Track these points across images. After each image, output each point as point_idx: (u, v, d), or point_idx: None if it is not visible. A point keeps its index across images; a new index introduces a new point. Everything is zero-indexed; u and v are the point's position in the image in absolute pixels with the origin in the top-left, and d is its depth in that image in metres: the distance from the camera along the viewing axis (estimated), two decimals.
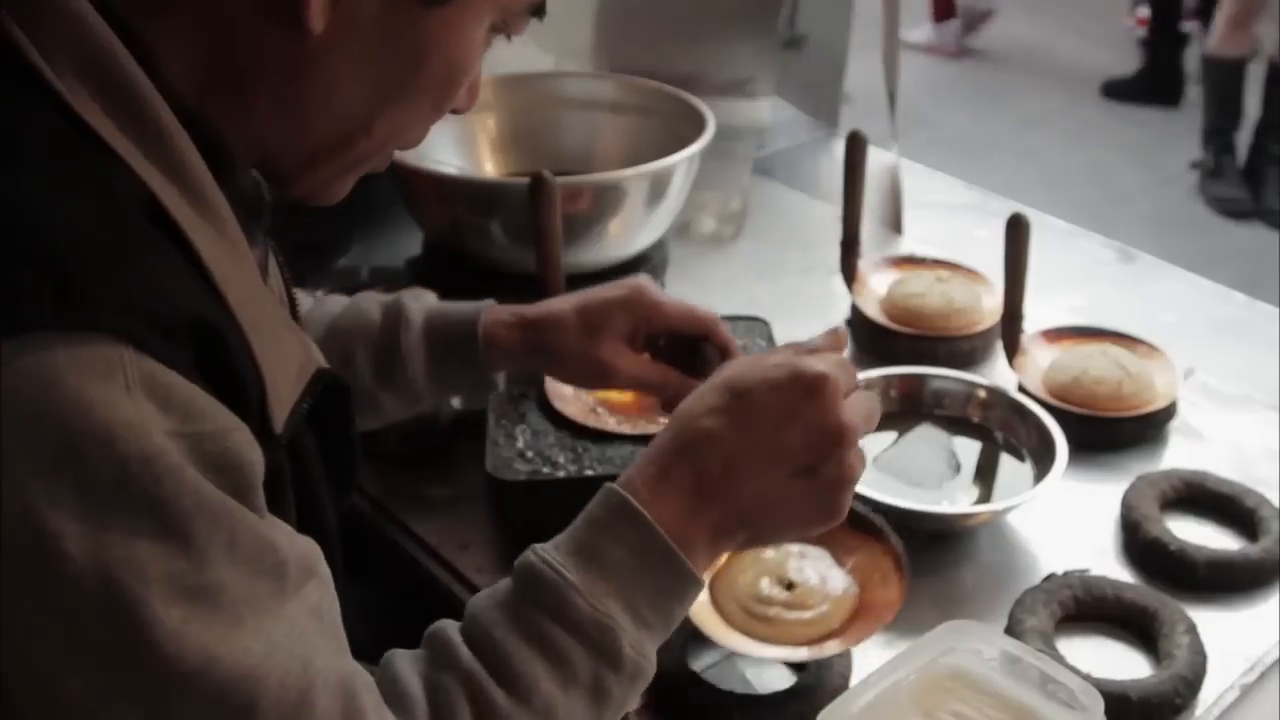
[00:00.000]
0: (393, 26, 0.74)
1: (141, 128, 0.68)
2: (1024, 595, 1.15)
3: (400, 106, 0.78)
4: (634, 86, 1.65)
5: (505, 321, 1.12)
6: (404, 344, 1.11)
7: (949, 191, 2.03)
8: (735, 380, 0.86)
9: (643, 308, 1.11)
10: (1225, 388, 1.50)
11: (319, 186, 0.83)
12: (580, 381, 1.17)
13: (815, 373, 0.85)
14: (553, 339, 1.10)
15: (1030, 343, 1.46)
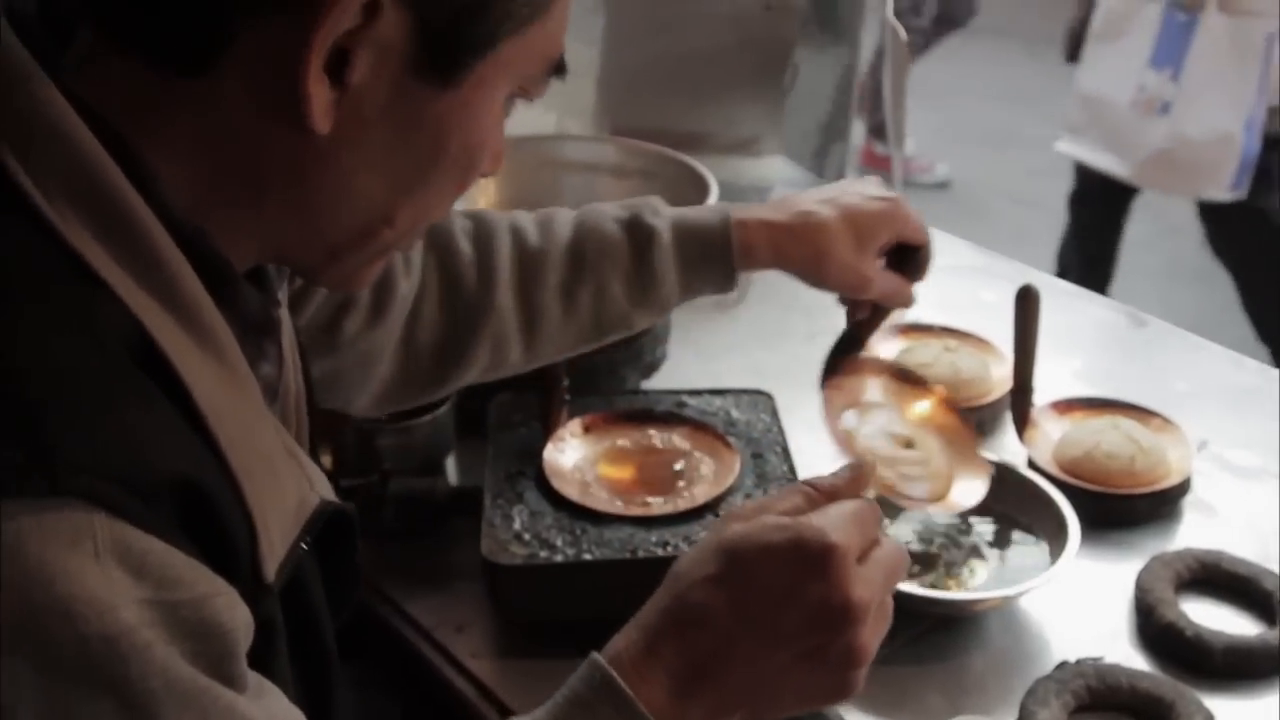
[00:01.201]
0: (405, 116, 0.69)
1: (135, 254, 0.64)
2: (1036, 685, 1.11)
3: (422, 192, 0.74)
4: (636, 150, 1.63)
5: (763, 224, 1.13)
6: (657, 265, 1.11)
7: (955, 253, 2.00)
8: (734, 544, 0.78)
9: (900, 220, 1.15)
10: (1240, 460, 1.47)
11: (346, 277, 0.80)
12: (836, 287, 1.18)
13: (821, 544, 0.75)
14: (819, 246, 1.12)
15: (1040, 414, 1.43)
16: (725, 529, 0.79)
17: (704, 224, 1.12)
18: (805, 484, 0.83)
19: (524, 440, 1.27)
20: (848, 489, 0.83)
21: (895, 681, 1.15)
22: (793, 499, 0.81)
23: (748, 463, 1.24)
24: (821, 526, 0.76)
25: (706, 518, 1.16)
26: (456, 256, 1.10)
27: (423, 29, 0.66)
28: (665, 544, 1.13)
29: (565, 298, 1.11)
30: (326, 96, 0.65)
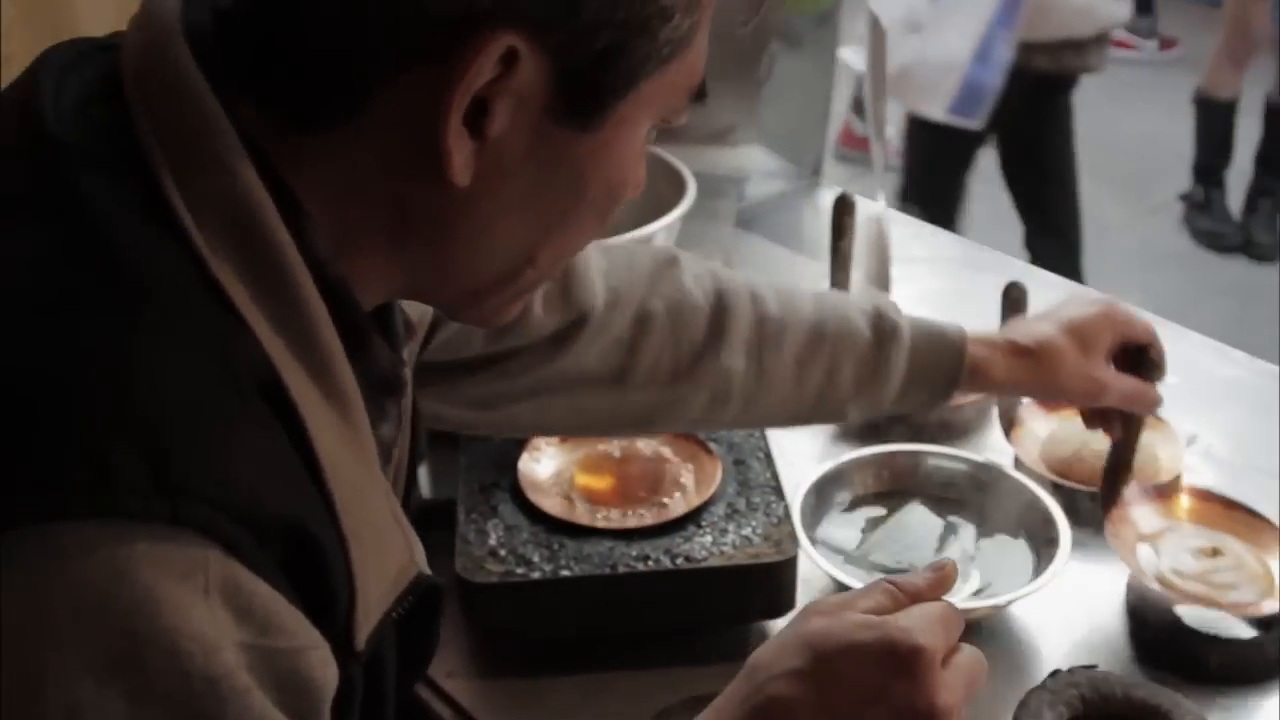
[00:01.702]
0: (545, 161, 0.67)
1: (277, 295, 0.63)
2: (1028, 697, 1.08)
3: (563, 231, 0.72)
4: None
5: (996, 349, 1.13)
6: (892, 360, 1.10)
7: (935, 244, 1.97)
8: (819, 639, 0.74)
9: (1120, 321, 1.16)
10: (1229, 456, 1.44)
11: (487, 315, 0.79)
12: (1074, 400, 1.20)
13: (910, 645, 0.72)
14: (1052, 365, 1.12)
15: (1025, 413, 1.40)
16: (808, 623, 0.76)
17: (943, 333, 1.12)
18: (889, 582, 0.80)
19: (498, 449, 1.23)
20: (930, 591, 0.80)
21: None
22: (876, 597, 0.78)
23: (729, 470, 1.21)
24: (909, 628, 0.73)
25: (689, 529, 1.13)
26: (690, 309, 1.06)
27: (562, 76, 0.64)
28: (646, 558, 1.10)
29: (798, 369, 1.08)
30: (467, 149, 0.64)
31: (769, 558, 1.10)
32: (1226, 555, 1.17)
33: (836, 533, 1.24)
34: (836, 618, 0.75)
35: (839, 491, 1.28)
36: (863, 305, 1.12)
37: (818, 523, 1.24)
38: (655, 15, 0.64)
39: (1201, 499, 1.26)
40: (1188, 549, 1.18)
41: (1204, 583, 1.14)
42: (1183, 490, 1.27)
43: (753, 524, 1.14)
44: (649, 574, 1.08)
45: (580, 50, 0.64)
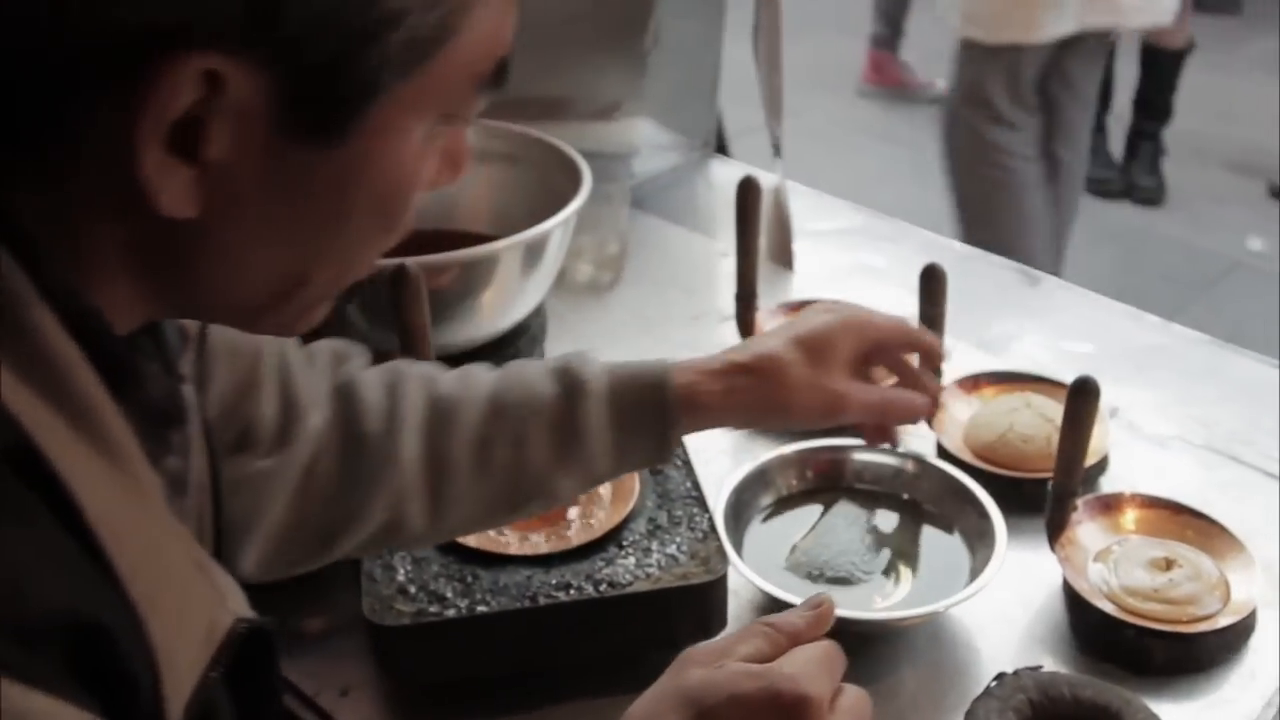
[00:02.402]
0: (288, 182, 0.60)
1: (14, 340, 0.55)
2: (975, 706, 1.03)
3: (337, 249, 0.65)
4: (496, 133, 1.50)
5: (708, 373, 1.00)
6: (585, 417, 0.96)
7: (834, 215, 1.91)
8: (699, 692, 0.70)
9: (860, 326, 1.05)
10: (1153, 427, 1.41)
11: (278, 329, 0.71)
12: (808, 421, 1.05)
13: (796, 694, 0.69)
14: (777, 381, 1.00)
15: (946, 395, 1.35)
16: (686, 674, 0.71)
17: (642, 370, 0.99)
18: (765, 624, 0.76)
19: None
20: (810, 631, 0.77)
21: None
22: (754, 642, 0.74)
23: (647, 481, 1.14)
24: (794, 675, 0.70)
25: (610, 551, 1.06)
26: (362, 403, 0.96)
27: (285, 91, 0.57)
28: (568, 586, 1.02)
29: (479, 450, 0.96)
30: (183, 177, 0.57)
31: (698, 578, 1.03)
32: (1182, 565, 1.13)
33: (763, 541, 1.18)
34: (716, 668, 0.71)
35: (762, 494, 1.21)
36: (551, 363, 1.00)
37: (742, 530, 1.18)
38: (380, 21, 0.57)
39: (1148, 507, 1.21)
40: (1141, 563, 1.14)
41: (1162, 600, 1.10)
42: (1128, 501, 1.22)
43: (677, 540, 1.07)
44: (572, 604, 1.00)
45: (295, 66, 0.57)
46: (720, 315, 1.61)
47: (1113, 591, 1.13)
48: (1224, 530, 1.18)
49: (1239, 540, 1.17)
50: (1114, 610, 1.11)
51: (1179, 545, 1.16)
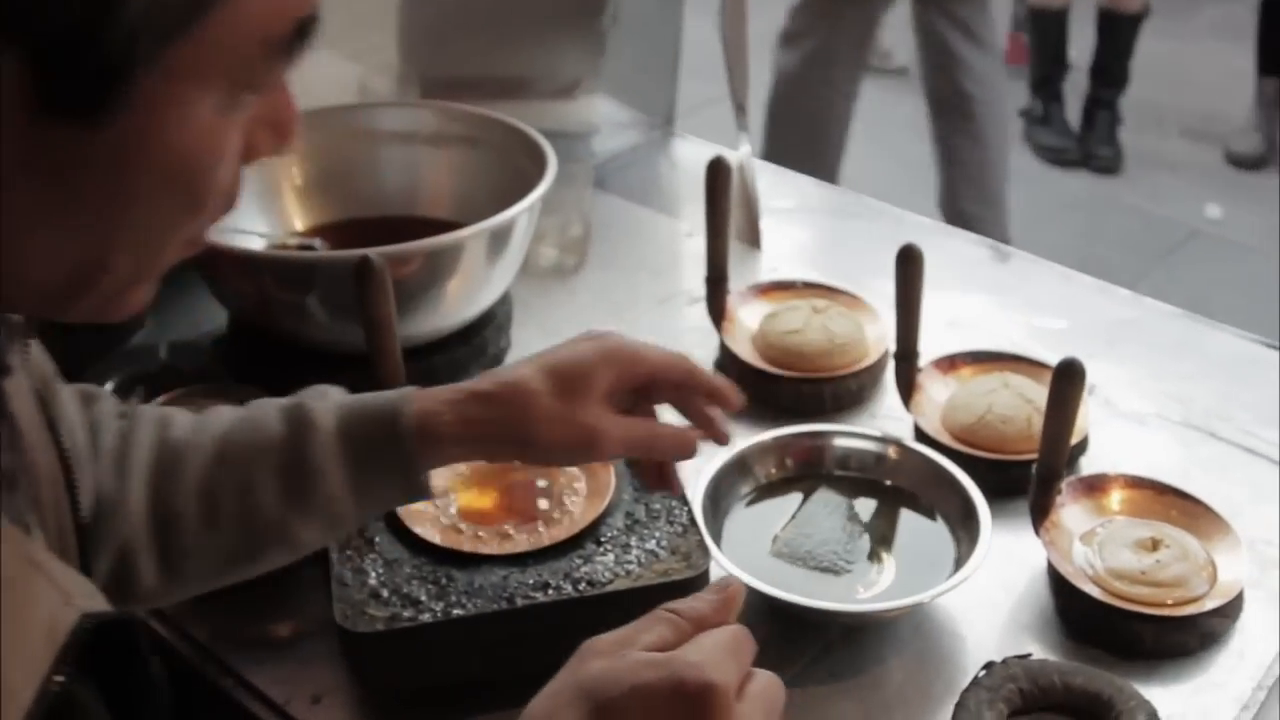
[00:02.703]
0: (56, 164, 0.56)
1: None
2: (965, 697, 1.01)
3: (131, 231, 0.61)
4: (456, 115, 1.46)
5: (446, 403, 0.91)
6: (314, 456, 0.89)
7: (799, 191, 1.88)
8: (599, 685, 0.67)
9: (622, 359, 0.95)
10: (1131, 404, 1.39)
11: (93, 316, 0.65)
12: (559, 456, 0.96)
13: (701, 682, 0.66)
14: (520, 410, 0.91)
15: (922, 376, 1.32)
16: (585, 667, 0.68)
17: (376, 407, 0.92)
18: (669, 610, 0.73)
19: None
20: (716, 615, 0.74)
21: (809, 703, 1.04)
22: (658, 630, 0.71)
23: (623, 474, 1.11)
24: (699, 663, 0.67)
25: (588, 547, 1.03)
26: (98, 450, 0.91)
27: (31, 69, 0.53)
28: (546, 586, 0.99)
29: (204, 500, 0.89)
30: None
31: (680, 574, 1.00)
32: (1169, 546, 1.11)
33: (743, 531, 1.15)
34: (617, 658, 0.68)
35: (740, 483, 1.18)
36: (286, 400, 0.95)
37: (721, 520, 1.15)
38: None
39: (1132, 488, 1.19)
40: (1127, 544, 1.12)
41: (1150, 583, 1.08)
42: (1112, 482, 1.20)
43: (656, 535, 1.04)
44: (551, 605, 0.97)
45: (35, 41, 0.53)
46: (689, 297, 1.58)
47: (1099, 575, 1.11)
48: (1208, 510, 1.17)
49: (1224, 520, 1.16)
50: (1101, 594, 1.09)
51: (1165, 526, 1.14)
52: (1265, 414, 1.38)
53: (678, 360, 0.98)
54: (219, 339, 1.36)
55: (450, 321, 1.28)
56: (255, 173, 1.37)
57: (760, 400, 1.36)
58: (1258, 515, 1.23)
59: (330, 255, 1.24)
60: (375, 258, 1.02)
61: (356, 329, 1.10)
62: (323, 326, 1.22)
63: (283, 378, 1.22)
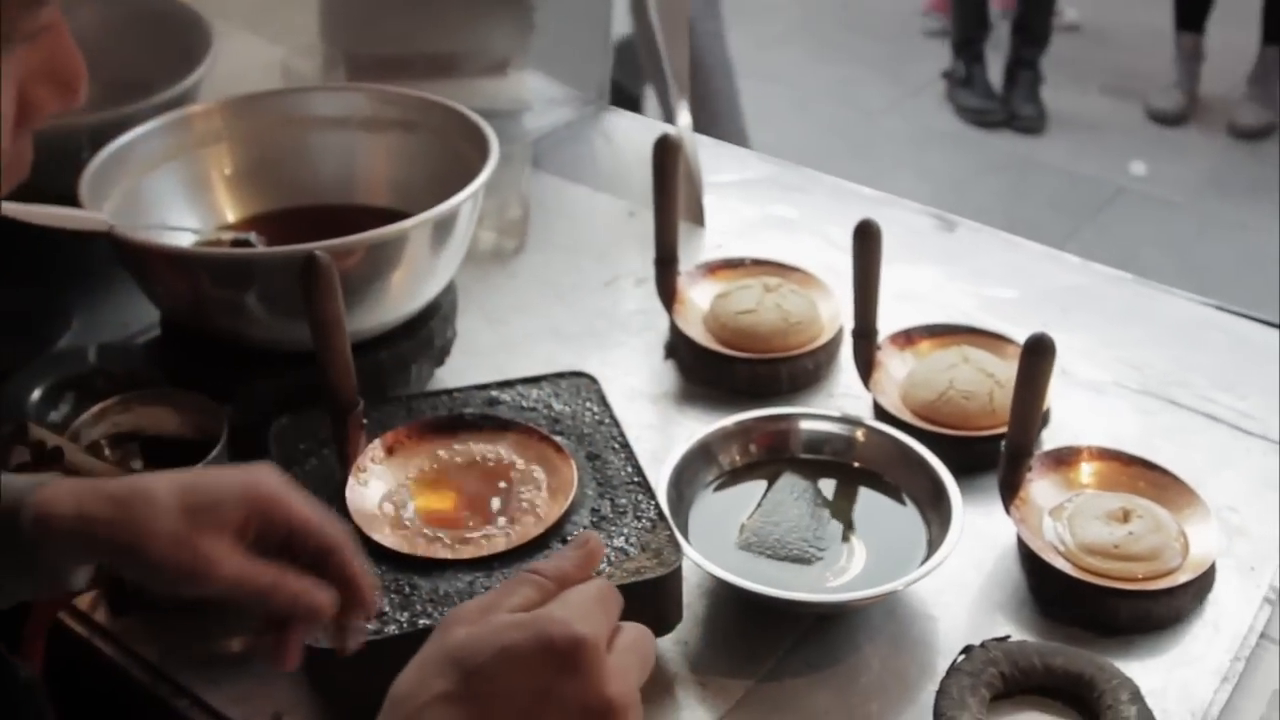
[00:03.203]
0: None
1: None
2: (946, 684, 0.99)
3: None
4: (390, 98, 1.41)
5: (71, 495, 0.83)
6: None
7: (739, 165, 1.85)
8: (466, 652, 0.66)
9: (261, 502, 0.85)
10: (1088, 373, 1.38)
11: None
12: (162, 577, 0.85)
13: (569, 637, 0.65)
14: (139, 520, 0.82)
15: (880, 352, 1.30)
16: (450, 635, 0.67)
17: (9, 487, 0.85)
18: (531, 571, 0.72)
19: (316, 475, 1.07)
20: (579, 571, 0.73)
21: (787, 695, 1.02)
22: (522, 591, 0.70)
23: (584, 468, 1.07)
24: (565, 618, 0.66)
25: (554, 547, 0.99)
26: None
27: None
28: None
29: None
30: None
31: (652, 572, 0.97)
32: (1142, 517, 1.09)
33: (709, 521, 1.12)
34: (482, 623, 0.67)
35: (704, 471, 1.15)
36: None
37: (686, 510, 1.12)
38: None
39: (1099, 459, 1.18)
40: (1097, 516, 1.10)
41: (1122, 557, 1.06)
42: (1079, 455, 1.18)
43: (625, 532, 1.01)
44: None
45: None
46: (635, 278, 1.54)
47: (1071, 551, 1.09)
48: (1176, 480, 1.15)
49: (1193, 490, 1.14)
50: (1074, 571, 1.07)
51: (1135, 498, 1.13)
52: (1221, 378, 1.37)
53: (325, 527, 0.86)
54: (151, 340, 1.30)
55: (395, 315, 1.24)
56: (183, 164, 1.34)
57: (715, 383, 1.34)
58: (1221, 482, 1.22)
59: (270, 252, 1.19)
60: (321, 255, 0.98)
61: (298, 326, 1.05)
62: (263, 325, 1.17)
63: (222, 379, 1.19)
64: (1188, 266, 3.44)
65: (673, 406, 1.33)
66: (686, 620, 1.04)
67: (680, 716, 1.00)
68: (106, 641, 1.07)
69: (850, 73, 4.67)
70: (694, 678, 1.03)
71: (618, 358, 1.40)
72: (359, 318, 1.18)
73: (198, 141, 1.36)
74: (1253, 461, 1.26)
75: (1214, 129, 4.26)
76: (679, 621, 1.01)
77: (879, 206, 1.71)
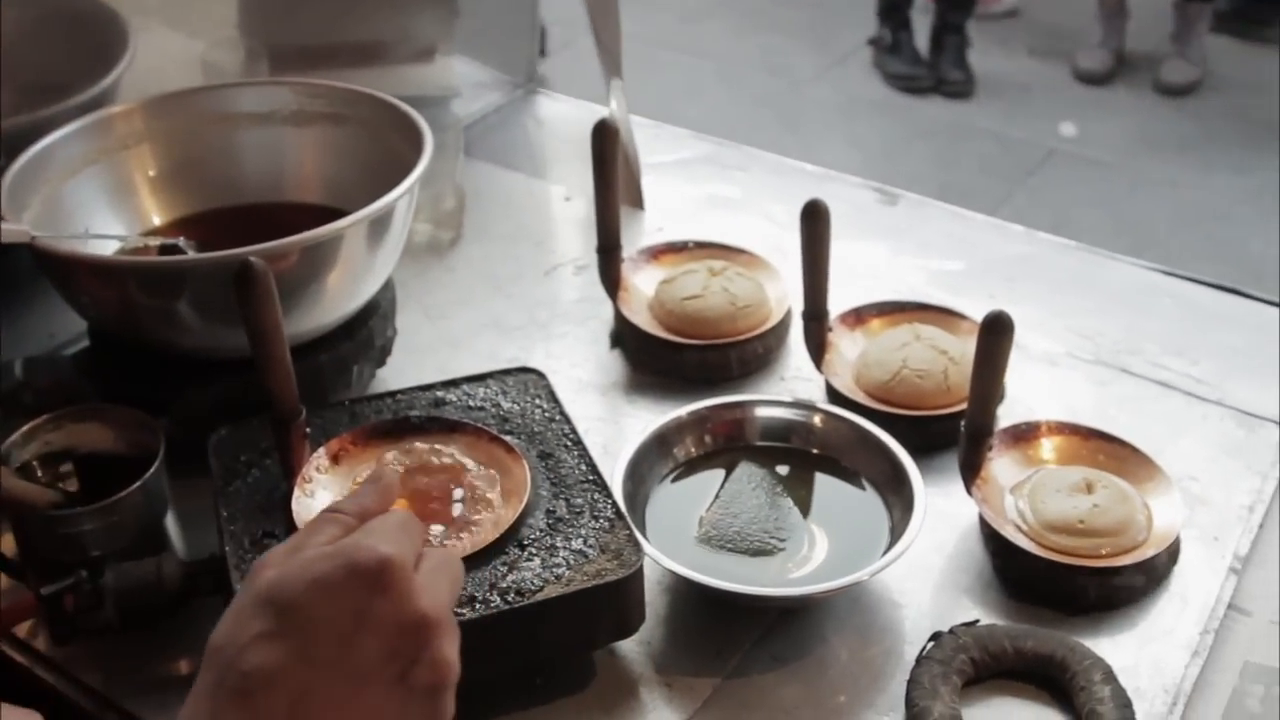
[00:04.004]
0: None
1: None
2: (917, 673, 0.97)
3: None
4: (318, 91, 1.36)
5: None
6: None
7: (676, 144, 1.82)
8: (277, 590, 0.66)
9: None
10: (1040, 345, 1.36)
11: None
12: None
13: (376, 557, 0.66)
14: None
15: (835, 335, 1.27)
16: (258, 579, 0.68)
17: None
18: (332, 510, 0.74)
19: (260, 487, 1.03)
20: (379, 504, 0.76)
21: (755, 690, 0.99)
22: (326, 530, 0.72)
23: (537, 467, 1.04)
24: (371, 544, 0.68)
25: (511, 553, 0.96)
26: None
27: None
28: (472, 600, 0.92)
29: None
30: None
31: (613, 574, 0.94)
32: (1106, 488, 1.08)
33: (668, 515, 1.09)
34: (289, 561, 0.69)
35: (659, 464, 1.13)
36: None
37: (643, 505, 1.09)
38: None
39: (1059, 434, 1.16)
40: (1060, 490, 1.08)
41: (1087, 533, 1.05)
42: (1039, 430, 1.17)
43: (582, 533, 0.98)
44: (478, 621, 0.90)
45: None
46: (575, 265, 1.51)
47: (1035, 530, 1.07)
48: (1136, 452, 1.14)
49: (1153, 462, 1.13)
50: (1040, 550, 1.06)
51: (1096, 472, 1.11)
52: (1172, 344, 1.37)
53: None
54: (80, 352, 1.25)
55: (333, 316, 1.20)
56: (104, 168, 1.29)
57: (664, 371, 1.32)
58: (1179, 451, 1.21)
59: (201, 258, 1.15)
60: (256, 261, 0.94)
61: (234, 333, 1.01)
62: (196, 333, 1.13)
63: (155, 391, 1.15)
64: (1121, 225, 3.45)
65: (622, 397, 1.30)
66: (648, 619, 1.01)
67: (647, 719, 0.97)
68: (48, 670, 1.03)
69: (775, 42, 4.65)
70: (659, 678, 1.00)
71: (562, 349, 1.37)
72: (296, 321, 1.15)
73: (119, 144, 1.31)
74: (1209, 428, 1.25)
75: (1141, 87, 4.28)
76: (642, 623, 0.98)
77: (820, 182, 1.69)
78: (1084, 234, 1.57)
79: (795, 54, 4.55)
